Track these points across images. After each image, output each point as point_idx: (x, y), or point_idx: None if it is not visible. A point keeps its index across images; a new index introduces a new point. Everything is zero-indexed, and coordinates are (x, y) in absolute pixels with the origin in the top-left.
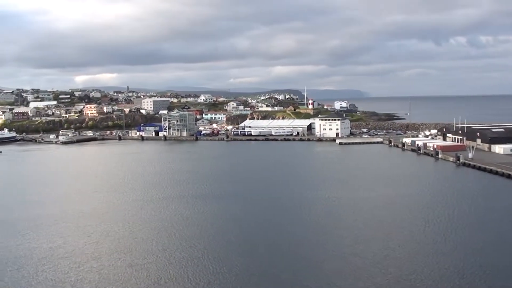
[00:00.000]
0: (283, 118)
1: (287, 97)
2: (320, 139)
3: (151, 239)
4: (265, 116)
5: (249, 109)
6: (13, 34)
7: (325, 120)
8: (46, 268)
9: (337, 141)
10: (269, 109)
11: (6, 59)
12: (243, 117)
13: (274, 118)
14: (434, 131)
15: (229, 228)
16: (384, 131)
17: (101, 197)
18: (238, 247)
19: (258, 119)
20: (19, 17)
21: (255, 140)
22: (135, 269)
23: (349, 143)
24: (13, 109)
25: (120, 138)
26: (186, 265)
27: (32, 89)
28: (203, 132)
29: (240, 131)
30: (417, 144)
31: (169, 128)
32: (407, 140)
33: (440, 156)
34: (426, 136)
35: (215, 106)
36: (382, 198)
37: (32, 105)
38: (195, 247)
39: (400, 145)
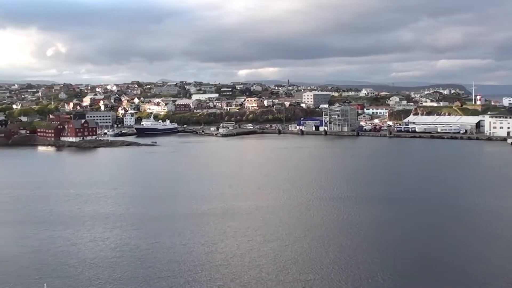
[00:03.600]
0: (449, 114)
1: (451, 91)
2: (489, 138)
3: (316, 248)
4: (430, 111)
5: (412, 104)
6: (182, 29)
7: (496, 117)
8: (198, 277)
9: (509, 140)
10: (434, 104)
11: (174, 53)
12: (406, 113)
13: (439, 114)
14: None
15: (399, 236)
16: None
17: (263, 195)
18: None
19: (422, 114)
20: (189, 13)
21: (420, 137)
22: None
23: None
24: (175, 101)
25: (279, 132)
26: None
27: (195, 82)
28: (364, 127)
29: (404, 127)
30: None
31: (329, 123)
32: None
33: None
34: None
35: (376, 101)
36: None
37: (194, 97)
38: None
39: None
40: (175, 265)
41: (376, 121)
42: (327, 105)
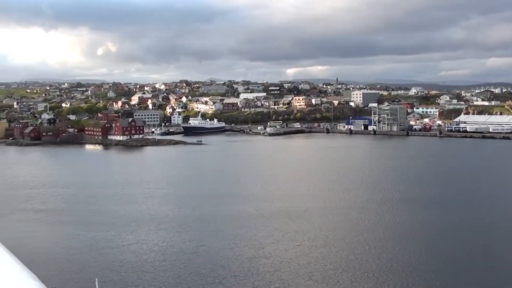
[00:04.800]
0: (500, 114)
1: (503, 90)
2: None
3: (368, 255)
4: (481, 111)
5: (462, 103)
6: (231, 28)
7: None
8: (243, 283)
9: None
10: (485, 103)
11: (223, 52)
12: (457, 112)
13: (491, 114)
14: None
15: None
16: None
17: (312, 196)
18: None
19: (473, 114)
20: (237, 12)
21: (471, 137)
22: None
23: None
24: (223, 100)
25: (328, 131)
26: None
27: (243, 81)
28: (414, 127)
29: (454, 127)
30: None
31: (378, 122)
32: None
33: None
34: None
35: (426, 100)
36: None
37: (242, 96)
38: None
39: None
40: (220, 270)
41: (426, 120)
42: (376, 104)
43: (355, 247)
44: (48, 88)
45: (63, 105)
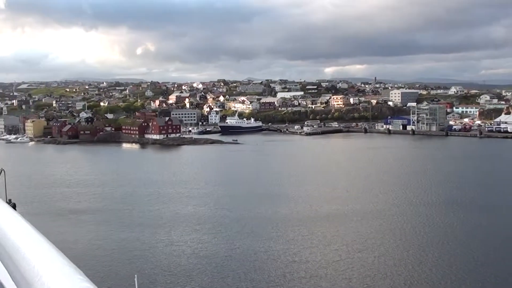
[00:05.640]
0: None
1: None
2: None
3: (409, 261)
4: None
5: (503, 102)
6: (269, 27)
7: None
8: None
9: None
10: None
11: (261, 51)
12: (498, 112)
13: None
14: None
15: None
16: None
17: (351, 198)
18: None
19: None
20: (276, 11)
21: None
22: None
23: None
24: (260, 99)
25: (366, 131)
26: None
27: (281, 80)
28: (453, 127)
29: (495, 127)
30: None
31: (417, 122)
32: None
33: None
34: None
35: (466, 99)
36: None
37: (279, 95)
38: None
39: None
40: (254, 274)
41: (466, 120)
42: (415, 103)
43: (395, 252)
44: (87, 87)
45: (101, 104)
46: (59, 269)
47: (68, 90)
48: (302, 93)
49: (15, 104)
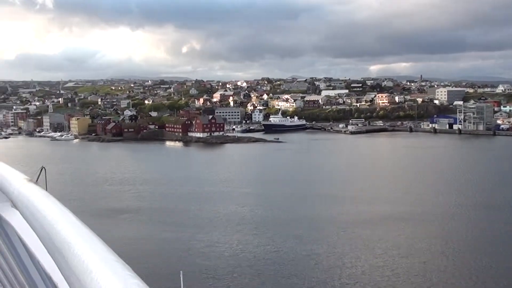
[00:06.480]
0: None
1: None
2: None
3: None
4: None
5: None
6: (314, 24)
7: None
8: None
9: None
10: None
11: (306, 49)
12: None
13: None
14: None
15: None
16: None
17: (397, 200)
18: None
19: None
20: (321, 8)
21: None
22: None
23: None
24: (304, 97)
25: (411, 130)
26: None
27: (325, 78)
28: (501, 126)
29: None
30: None
31: (464, 121)
32: None
33: None
34: None
35: None
36: None
37: (324, 93)
38: None
39: None
40: (295, 279)
41: None
42: (462, 102)
43: (443, 258)
44: (132, 85)
45: (146, 102)
46: (109, 265)
47: (113, 88)
48: (346, 91)
49: (61, 102)
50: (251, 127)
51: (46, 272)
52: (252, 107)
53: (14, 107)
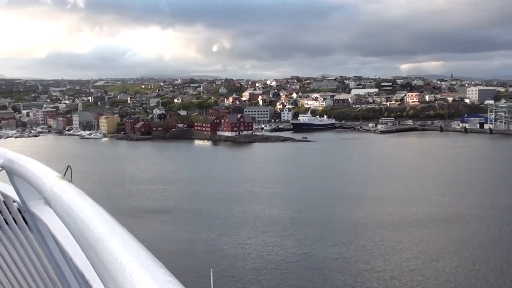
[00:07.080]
0: None
1: None
2: None
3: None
4: None
5: None
6: (344, 23)
7: None
8: None
9: None
10: None
11: (336, 47)
12: None
13: None
14: None
15: None
16: None
17: (427, 201)
18: None
19: None
20: (352, 7)
21: None
22: None
23: None
24: (334, 96)
25: (441, 129)
26: None
27: (355, 76)
28: None
29: None
30: None
31: (495, 120)
32: None
33: None
34: None
35: None
36: None
37: (354, 92)
38: None
39: None
40: (322, 283)
41: None
42: (493, 101)
43: (475, 263)
44: (162, 84)
45: (175, 100)
46: (142, 262)
47: (143, 87)
48: (376, 90)
49: (91, 101)
50: (280, 126)
51: (79, 269)
52: (281, 106)
53: (44, 105)
